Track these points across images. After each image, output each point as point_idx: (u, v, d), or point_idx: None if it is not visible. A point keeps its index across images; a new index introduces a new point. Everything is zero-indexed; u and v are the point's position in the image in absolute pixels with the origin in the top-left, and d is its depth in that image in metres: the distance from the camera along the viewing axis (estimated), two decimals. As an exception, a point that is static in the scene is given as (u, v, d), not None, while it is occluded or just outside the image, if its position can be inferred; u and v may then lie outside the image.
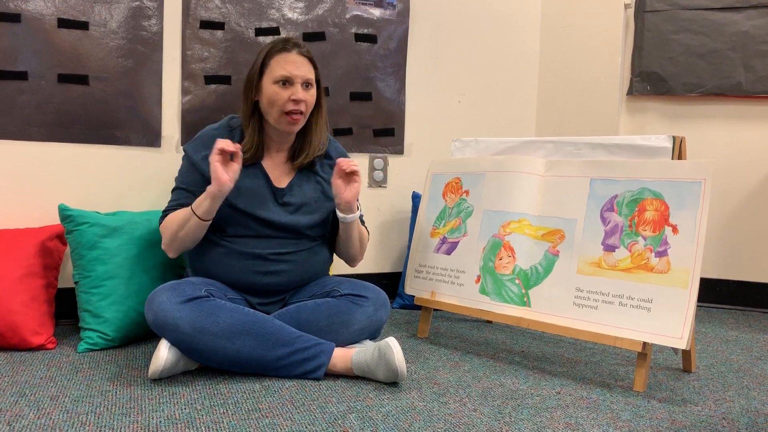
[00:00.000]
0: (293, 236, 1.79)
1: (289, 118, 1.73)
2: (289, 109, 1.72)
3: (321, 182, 1.85)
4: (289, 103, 1.71)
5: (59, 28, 2.03)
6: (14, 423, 1.31)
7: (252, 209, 1.74)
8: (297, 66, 1.72)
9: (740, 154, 2.80)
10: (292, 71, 1.71)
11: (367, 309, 1.76)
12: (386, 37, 2.56)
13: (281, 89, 1.71)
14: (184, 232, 1.69)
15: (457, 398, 1.55)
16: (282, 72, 1.71)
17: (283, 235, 1.78)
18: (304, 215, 1.80)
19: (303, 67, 1.73)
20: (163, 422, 1.33)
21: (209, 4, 2.24)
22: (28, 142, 2.04)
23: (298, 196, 1.80)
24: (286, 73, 1.71)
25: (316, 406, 1.45)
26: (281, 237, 1.78)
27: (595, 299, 1.74)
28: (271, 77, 1.72)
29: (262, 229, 1.76)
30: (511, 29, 2.89)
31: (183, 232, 1.69)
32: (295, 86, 1.72)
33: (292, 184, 1.81)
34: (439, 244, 2.14)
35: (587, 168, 1.87)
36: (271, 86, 1.72)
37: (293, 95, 1.71)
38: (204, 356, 1.59)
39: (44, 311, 1.85)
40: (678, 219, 1.67)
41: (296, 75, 1.71)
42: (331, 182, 1.78)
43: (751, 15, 2.70)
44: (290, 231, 1.78)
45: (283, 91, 1.71)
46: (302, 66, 1.73)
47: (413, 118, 2.69)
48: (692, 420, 1.47)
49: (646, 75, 2.85)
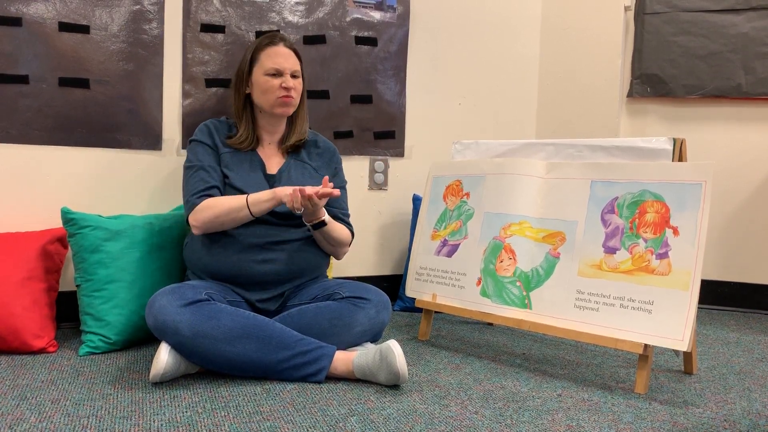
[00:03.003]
0: (287, 224, 1.83)
1: (283, 99, 1.87)
2: (281, 94, 1.87)
3: (308, 168, 1.95)
4: (281, 90, 1.87)
5: (60, 32, 2.04)
6: (15, 426, 1.31)
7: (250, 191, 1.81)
8: (285, 58, 1.88)
9: (740, 156, 2.80)
10: (282, 63, 1.87)
11: (369, 311, 1.77)
12: (387, 40, 2.57)
13: (272, 79, 1.87)
14: (229, 219, 1.77)
15: (459, 401, 1.55)
16: (272, 64, 1.87)
17: (277, 222, 1.82)
18: None
19: (290, 59, 1.90)
20: (164, 425, 1.33)
21: (210, 7, 2.24)
22: (29, 146, 2.04)
23: (287, 181, 1.89)
24: (276, 65, 1.87)
25: (317, 409, 1.45)
26: (275, 224, 1.82)
27: (596, 301, 1.74)
28: (262, 69, 1.88)
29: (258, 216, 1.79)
30: (511, 31, 2.89)
31: (228, 219, 1.76)
32: (284, 76, 1.87)
33: (281, 170, 1.91)
34: (440, 247, 2.14)
35: (588, 170, 1.87)
36: (263, 77, 1.88)
37: (284, 83, 1.86)
38: (205, 360, 1.59)
39: (45, 314, 1.85)
40: (679, 221, 1.67)
41: (285, 67, 1.87)
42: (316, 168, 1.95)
43: (751, 17, 2.70)
44: (284, 217, 1.83)
45: (274, 80, 1.87)
46: (290, 58, 1.90)
47: (414, 121, 2.69)
48: (694, 422, 1.47)
49: (647, 77, 2.86)
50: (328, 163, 2.00)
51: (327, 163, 2.00)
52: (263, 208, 1.75)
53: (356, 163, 2.57)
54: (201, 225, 1.78)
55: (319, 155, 2.00)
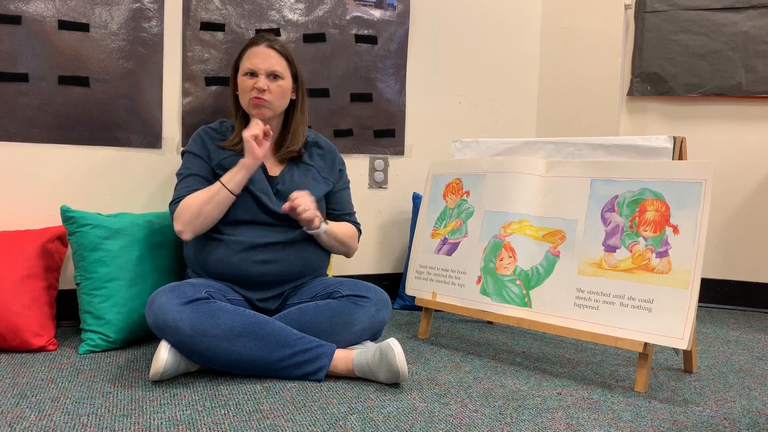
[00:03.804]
0: (288, 224, 1.82)
1: (253, 101, 1.83)
2: (252, 95, 1.83)
3: (311, 170, 1.93)
4: (253, 91, 1.83)
5: (60, 30, 2.04)
6: (15, 425, 1.31)
7: (253, 188, 1.80)
8: (262, 59, 1.84)
9: (741, 154, 2.80)
10: (257, 64, 1.83)
11: (369, 309, 1.77)
12: (387, 38, 2.56)
13: (247, 79, 1.84)
14: (210, 207, 1.75)
15: (459, 399, 1.55)
16: (248, 65, 1.84)
17: (278, 222, 1.81)
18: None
19: (269, 60, 1.84)
20: (164, 424, 1.34)
21: (210, 5, 2.24)
22: (29, 144, 2.04)
23: (289, 183, 1.87)
24: (251, 66, 1.84)
25: (317, 407, 1.45)
26: (276, 225, 1.81)
27: (596, 300, 1.74)
28: (242, 70, 1.86)
29: (259, 215, 1.80)
30: (511, 30, 2.89)
31: (210, 206, 1.75)
32: (258, 77, 1.83)
33: (283, 173, 1.88)
34: (440, 245, 2.14)
35: (588, 168, 1.87)
36: (241, 77, 1.86)
37: (256, 84, 1.82)
38: (204, 358, 1.59)
39: (45, 313, 1.85)
40: (679, 219, 1.67)
41: (260, 67, 1.83)
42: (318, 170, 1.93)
43: (752, 15, 2.70)
44: (284, 217, 1.82)
45: (249, 81, 1.84)
46: (268, 58, 1.84)
47: (414, 119, 2.69)
48: (693, 420, 1.47)
49: (647, 75, 2.85)
50: (332, 164, 1.98)
51: (330, 165, 1.98)
52: (237, 180, 1.75)
53: (356, 161, 2.57)
54: (186, 227, 1.76)
55: (321, 156, 1.97)
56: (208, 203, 1.75)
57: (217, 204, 1.75)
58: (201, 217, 1.75)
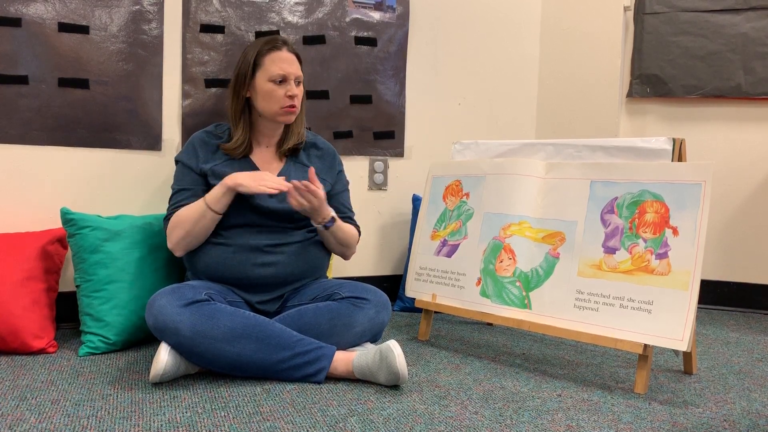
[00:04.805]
0: (288, 226, 1.83)
1: (287, 109, 1.83)
2: (286, 104, 1.82)
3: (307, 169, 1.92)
4: (286, 99, 1.82)
5: (60, 32, 2.04)
6: (15, 427, 1.31)
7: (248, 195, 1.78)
8: (290, 64, 1.84)
9: (740, 156, 2.80)
10: (287, 69, 1.82)
11: (369, 311, 1.77)
12: (386, 40, 2.57)
13: (277, 87, 1.82)
14: (198, 228, 1.76)
15: (459, 401, 1.55)
16: (278, 71, 1.81)
17: (277, 224, 1.82)
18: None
19: (294, 65, 1.85)
20: (164, 426, 1.33)
21: (209, 7, 2.24)
22: (29, 146, 2.04)
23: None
24: (282, 72, 1.81)
25: (317, 409, 1.45)
26: (276, 227, 1.82)
27: (596, 301, 1.74)
28: (266, 75, 1.82)
29: (258, 219, 1.80)
30: (511, 32, 2.89)
31: (197, 228, 1.76)
32: (289, 83, 1.83)
33: (281, 174, 1.88)
34: (440, 247, 2.14)
35: (587, 170, 1.87)
36: (267, 84, 1.82)
37: (289, 92, 1.82)
38: (204, 360, 1.59)
39: (45, 315, 1.85)
40: (678, 221, 1.67)
41: (290, 73, 1.83)
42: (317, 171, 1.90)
43: (751, 17, 2.70)
44: (284, 219, 1.82)
45: (279, 89, 1.82)
46: (293, 63, 1.85)
47: (413, 121, 2.69)
48: (693, 422, 1.47)
49: (646, 77, 2.86)
50: (331, 165, 1.98)
51: (329, 165, 1.98)
52: (223, 203, 1.74)
53: (356, 163, 2.57)
54: (176, 246, 1.79)
55: (320, 158, 1.97)
56: (195, 224, 1.76)
57: (206, 225, 1.76)
58: (189, 236, 1.77)
